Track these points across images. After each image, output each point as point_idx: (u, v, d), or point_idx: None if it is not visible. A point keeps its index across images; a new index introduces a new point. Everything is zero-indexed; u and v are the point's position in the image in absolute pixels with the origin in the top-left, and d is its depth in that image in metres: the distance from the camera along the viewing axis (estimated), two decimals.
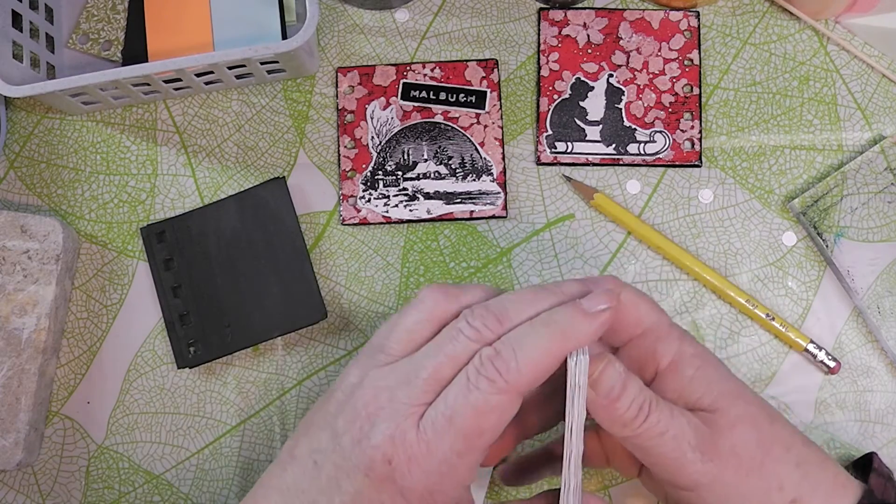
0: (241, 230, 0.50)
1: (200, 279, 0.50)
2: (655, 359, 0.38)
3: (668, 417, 0.35)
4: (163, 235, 0.50)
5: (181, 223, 0.50)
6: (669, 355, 0.37)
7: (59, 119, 0.53)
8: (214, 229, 0.50)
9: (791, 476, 0.36)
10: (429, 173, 0.51)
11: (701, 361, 0.38)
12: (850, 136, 0.52)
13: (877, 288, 0.49)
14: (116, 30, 0.53)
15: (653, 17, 0.53)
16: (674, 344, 0.38)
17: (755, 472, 0.36)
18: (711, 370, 0.38)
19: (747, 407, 0.37)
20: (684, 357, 0.37)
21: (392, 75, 0.52)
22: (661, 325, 0.38)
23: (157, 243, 0.50)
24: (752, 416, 0.37)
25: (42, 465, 0.50)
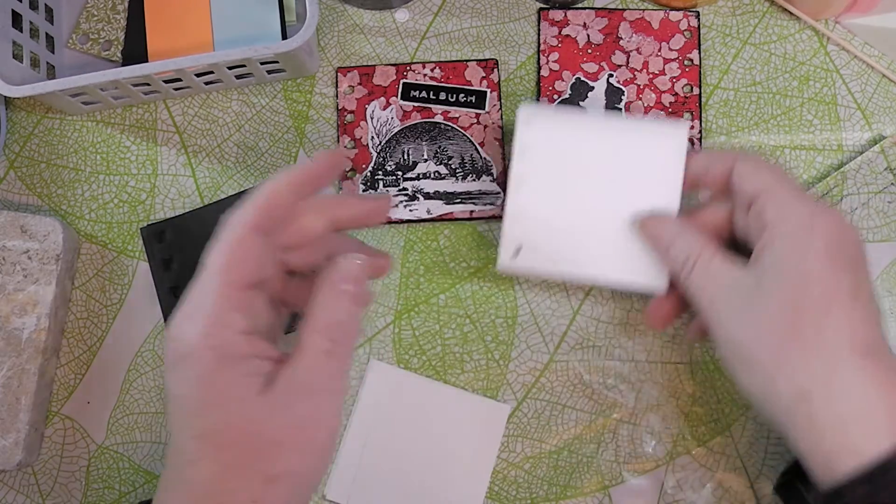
0: None
1: None
2: (763, 218, 0.39)
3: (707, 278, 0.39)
4: (162, 235, 0.50)
5: (181, 223, 0.50)
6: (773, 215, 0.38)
7: (59, 119, 0.53)
8: (214, 229, 0.50)
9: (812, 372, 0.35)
10: (429, 173, 0.51)
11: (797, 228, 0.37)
12: (850, 136, 0.52)
13: (877, 288, 0.49)
14: (116, 30, 0.53)
15: (653, 17, 0.53)
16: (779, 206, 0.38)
17: (773, 349, 0.36)
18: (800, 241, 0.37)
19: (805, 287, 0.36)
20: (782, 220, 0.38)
21: (392, 75, 0.52)
22: (779, 189, 0.39)
23: (157, 243, 0.50)
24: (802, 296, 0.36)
25: (42, 465, 0.50)
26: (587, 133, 0.45)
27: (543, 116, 0.45)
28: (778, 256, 0.37)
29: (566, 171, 0.45)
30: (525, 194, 0.45)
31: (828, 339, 0.35)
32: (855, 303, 0.36)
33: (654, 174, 0.44)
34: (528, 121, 0.45)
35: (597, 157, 0.45)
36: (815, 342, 0.35)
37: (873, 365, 0.35)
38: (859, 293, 0.36)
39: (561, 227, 0.45)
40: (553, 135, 0.45)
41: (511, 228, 0.45)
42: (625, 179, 0.44)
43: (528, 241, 0.45)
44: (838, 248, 0.37)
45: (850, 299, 0.36)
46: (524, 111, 0.45)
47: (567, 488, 0.49)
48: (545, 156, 0.45)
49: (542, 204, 0.45)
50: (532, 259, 0.45)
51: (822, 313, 0.35)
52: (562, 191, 0.45)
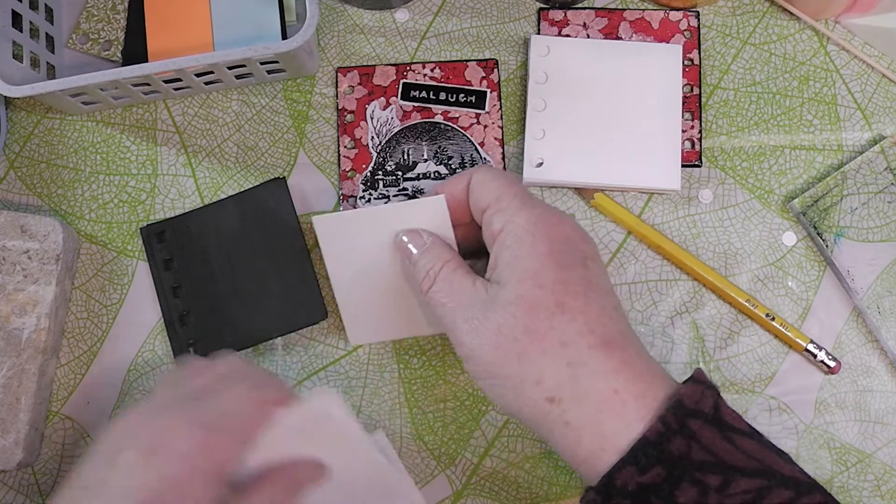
0: (241, 230, 0.50)
1: (200, 279, 0.49)
2: (492, 230, 0.39)
3: (447, 292, 0.38)
4: (162, 235, 0.50)
5: (181, 223, 0.50)
6: (499, 226, 0.38)
7: (59, 119, 0.53)
8: (214, 229, 0.50)
9: (555, 374, 0.35)
10: (429, 173, 0.51)
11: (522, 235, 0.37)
12: (850, 136, 0.52)
13: (877, 288, 0.49)
14: (116, 30, 0.53)
15: (653, 17, 0.53)
16: (505, 216, 0.38)
17: (514, 357, 0.35)
18: (525, 247, 0.37)
19: (534, 290, 0.35)
20: (507, 229, 0.38)
21: (392, 75, 0.52)
22: (503, 198, 0.38)
23: (157, 243, 0.50)
24: (533, 300, 0.35)
25: (42, 465, 0.50)
26: (594, 57, 0.50)
27: (560, 46, 0.51)
28: (507, 265, 0.37)
29: (578, 93, 0.50)
30: (543, 117, 0.50)
31: (565, 337, 0.35)
32: (588, 297, 0.36)
33: (655, 89, 0.50)
34: (543, 51, 0.51)
35: (604, 78, 0.50)
36: (553, 344, 0.35)
37: (615, 356, 0.35)
38: (592, 288, 0.36)
39: (577, 141, 0.50)
40: (564, 62, 0.51)
41: (532, 147, 0.50)
42: (631, 95, 0.50)
43: (549, 156, 0.50)
44: (564, 247, 0.37)
45: (582, 294, 0.36)
46: (535, 41, 0.52)
47: (567, 488, 0.49)
48: (558, 81, 0.50)
49: (559, 123, 0.50)
50: (552, 171, 0.50)
51: (556, 313, 0.35)
52: (575, 110, 0.50)
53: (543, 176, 0.50)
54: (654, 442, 0.33)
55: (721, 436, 0.34)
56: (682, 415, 0.34)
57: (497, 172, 0.40)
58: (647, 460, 0.33)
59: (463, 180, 0.41)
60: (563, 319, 0.35)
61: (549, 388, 0.35)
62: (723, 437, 0.34)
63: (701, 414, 0.34)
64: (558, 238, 0.37)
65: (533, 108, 0.51)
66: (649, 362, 0.36)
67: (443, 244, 0.41)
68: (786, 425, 0.49)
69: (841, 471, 0.49)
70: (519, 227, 0.37)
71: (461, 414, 0.49)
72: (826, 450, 0.49)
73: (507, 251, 0.37)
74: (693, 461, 0.33)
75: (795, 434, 0.49)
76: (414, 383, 0.50)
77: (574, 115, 0.50)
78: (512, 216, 0.38)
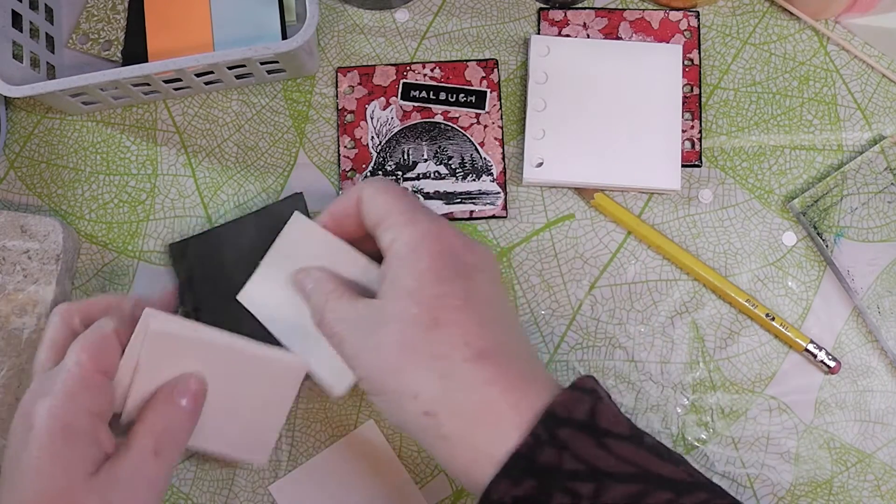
0: (260, 247, 0.45)
1: (221, 301, 0.46)
2: (382, 247, 0.39)
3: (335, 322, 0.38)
4: (185, 253, 0.49)
5: (203, 241, 0.49)
6: (387, 244, 0.38)
7: (59, 119, 0.53)
8: (234, 247, 0.49)
9: (430, 387, 0.35)
10: (429, 173, 0.51)
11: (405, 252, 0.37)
12: (850, 136, 0.52)
13: (877, 288, 0.49)
14: (116, 30, 0.53)
15: (653, 17, 0.53)
16: (391, 233, 0.38)
17: (392, 374, 0.36)
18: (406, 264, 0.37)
19: (411, 307, 0.36)
20: (393, 248, 0.38)
21: (392, 75, 0.52)
22: (391, 214, 0.38)
23: (181, 261, 0.48)
24: (409, 316, 0.36)
25: None
26: (594, 57, 0.51)
27: (560, 46, 0.51)
28: (390, 283, 0.37)
29: (578, 93, 0.50)
30: (543, 117, 0.50)
31: (440, 351, 0.35)
32: (466, 310, 0.36)
33: (655, 89, 0.50)
34: (543, 51, 0.51)
35: (605, 78, 0.50)
36: (428, 357, 0.35)
37: (490, 368, 0.35)
38: (473, 300, 0.36)
39: (577, 141, 0.50)
40: (564, 62, 0.51)
41: (532, 147, 0.50)
42: (631, 95, 0.50)
43: (549, 156, 0.50)
44: (446, 260, 0.37)
45: (460, 308, 0.36)
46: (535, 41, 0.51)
47: None
48: (558, 81, 0.50)
49: (559, 123, 0.50)
50: (551, 171, 0.50)
51: (431, 327, 0.35)
52: (575, 110, 0.50)
53: (543, 176, 0.50)
54: (525, 455, 0.33)
55: (595, 442, 0.34)
56: (553, 424, 0.34)
57: (385, 186, 0.40)
58: (520, 473, 0.33)
59: (353, 195, 0.41)
60: (438, 334, 0.35)
61: (424, 402, 0.35)
62: (597, 443, 0.34)
63: (573, 422, 0.34)
64: (440, 252, 0.37)
65: (533, 108, 0.51)
66: (531, 371, 0.36)
67: (328, 276, 0.41)
68: (786, 425, 0.49)
69: (841, 471, 0.49)
70: (403, 245, 0.37)
71: None
72: (826, 450, 0.49)
73: (391, 270, 0.37)
74: (564, 471, 0.33)
75: (795, 434, 0.49)
76: None
77: (574, 115, 0.50)
78: (398, 233, 0.38)
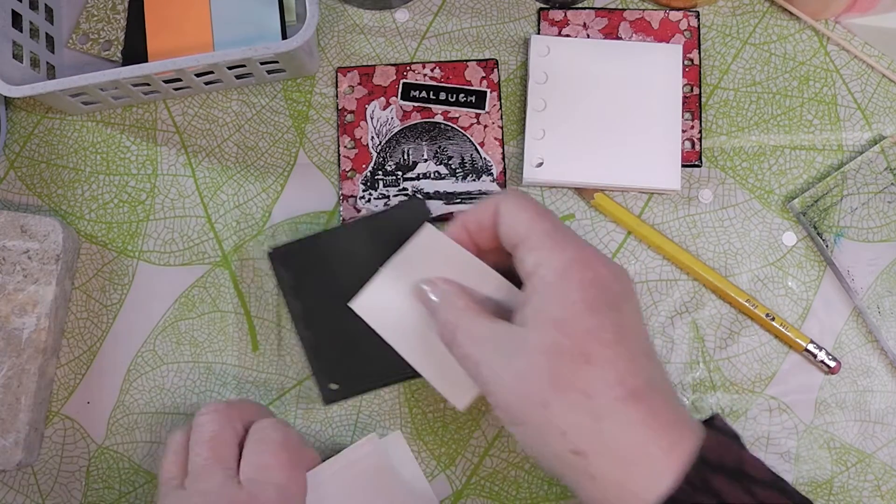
0: (375, 253, 0.44)
1: (333, 307, 0.45)
2: (524, 269, 0.37)
3: (469, 343, 0.37)
4: (290, 259, 0.47)
5: (309, 246, 0.47)
6: (531, 267, 0.37)
7: (59, 119, 0.53)
8: (346, 252, 0.47)
9: (580, 426, 0.33)
10: (429, 173, 0.51)
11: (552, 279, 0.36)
12: (850, 136, 0.52)
13: (877, 288, 0.49)
14: (116, 30, 0.53)
15: (653, 17, 0.53)
16: (536, 256, 0.37)
17: (538, 407, 0.34)
18: (554, 292, 0.35)
19: (561, 339, 0.34)
20: (539, 273, 0.36)
21: (392, 75, 0.52)
22: (532, 235, 0.37)
23: (284, 267, 0.47)
24: (559, 349, 0.34)
25: (42, 465, 0.50)
26: (594, 57, 0.51)
27: (560, 46, 0.51)
28: (536, 309, 0.35)
29: (578, 93, 0.50)
30: (543, 117, 0.50)
31: (591, 389, 0.33)
32: (618, 346, 0.34)
33: (655, 89, 0.50)
34: (543, 51, 0.51)
35: (605, 78, 0.50)
36: (578, 394, 0.33)
37: (642, 407, 0.33)
38: (624, 334, 0.35)
39: (577, 141, 0.50)
40: (564, 62, 0.51)
41: (532, 147, 0.50)
42: (631, 95, 0.50)
43: (549, 156, 0.50)
44: (597, 291, 0.35)
45: (612, 343, 0.34)
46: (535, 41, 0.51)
47: (567, 488, 0.49)
48: (558, 81, 0.50)
49: (559, 123, 0.50)
50: (551, 171, 0.50)
51: (582, 362, 0.34)
52: (575, 110, 0.50)
53: (543, 176, 0.50)
54: (680, 501, 0.32)
55: (743, 489, 0.33)
56: (705, 470, 0.33)
57: (525, 202, 0.38)
58: None
59: (489, 208, 0.39)
60: (590, 370, 0.34)
61: (573, 440, 0.34)
62: (745, 490, 0.33)
63: (724, 469, 0.33)
64: (590, 281, 0.35)
65: (533, 108, 0.51)
66: (677, 410, 0.35)
67: (459, 291, 0.39)
68: (786, 425, 0.49)
69: (841, 471, 0.49)
70: (549, 271, 0.36)
71: (461, 414, 0.49)
72: (826, 450, 0.49)
73: (536, 295, 0.36)
74: None
75: (795, 434, 0.49)
76: (413, 383, 0.50)
77: (574, 115, 0.50)
78: (543, 258, 0.36)
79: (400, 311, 0.41)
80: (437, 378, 0.41)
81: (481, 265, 0.40)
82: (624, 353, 0.34)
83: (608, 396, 0.33)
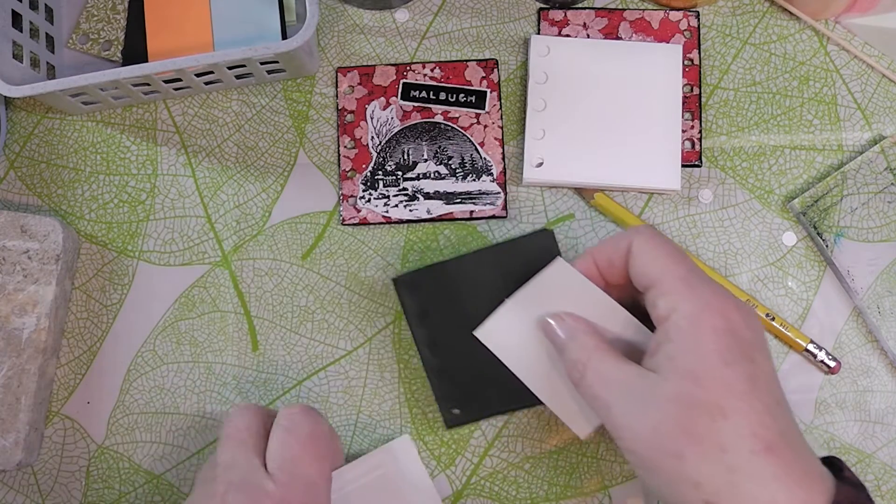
0: (502, 283, 0.45)
1: (457, 335, 0.46)
2: (656, 313, 0.37)
3: (600, 384, 0.37)
4: (417, 286, 0.47)
5: (436, 273, 0.47)
6: (664, 312, 0.37)
7: (59, 119, 0.53)
8: (472, 281, 0.47)
9: (714, 479, 0.33)
10: (429, 173, 0.51)
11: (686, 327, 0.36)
12: (850, 136, 0.52)
13: (877, 288, 0.49)
14: (116, 30, 0.53)
15: (653, 17, 0.53)
16: (669, 301, 0.37)
17: (672, 458, 0.34)
18: (688, 341, 0.35)
19: (695, 391, 0.34)
20: (672, 318, 0.36)
21: (392, 75, 0.52)
22: (666, 279, 0.37)
23: (410, 294, 0.47)
24: (693, 400, 0.34)
25: (42, 465, 0.50)
26: (594, 57, 0.51)
27: (560, 46, 0.51)
28: (669, 356, 0.36)
29: (578, 93, 0.50)
30: (543, 117, 0.50)
31: (725, 442, 0.34)
32: (752, 397, 0.34)
33: (655, 89, 0.50)
34: (543, 51, 0.51)
35: (605, 78, 0.50)
36: (713, 447, 0.34)
37: (775, 460, 0.33)
38: (757, 384, 0.35)
39: (577, 141, 0.50)
40: (564, 62, 0.51)
41: (532, 147, 0.50)
42: (631, 95, 0.50)
43: (548, 156, 0.50)
44: (730, 340, 0.35)
45: (746, 394, 0.34)
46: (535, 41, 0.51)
47: (567, 488, 0.49)
48: (558, 81, 0.50)
49: (559, 123, 0.50)
50: (551, 171, 0.50)
51: (717, 415, 0.34)
52: (575, 110, 0.50)
53: (543, 176, 0.50)
54: None
55: None
56: None
57: (658, 241, 0.38)
58: None
59: (622, 245, 0.39)
60: (724, 423, 0.34)
61: (707, 492, 0.34)
62: None
63: None
64: (723, 330, 0.35)
65: (533, 108, 0.51)
66: (808, 461, 0.35)
67: (588, 329, 0.40)
68: None
69: None
70: (683, 318, 0.36)
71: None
72: (826, 450, 0.49)
73: (669, 343, 0.36)
74: None
75: None
76: (414, 383, 0.50)
77: (574, 115, 0.50)
78: (676, 303, 0.36)
79: (524, 340, 0.43)
80: (559, 407, 0.42)
81: (611, 302, 0.41)
82: (757, 405, 0.34)
83: (743, 449, 0.33)
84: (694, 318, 0.36)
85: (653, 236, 0.39)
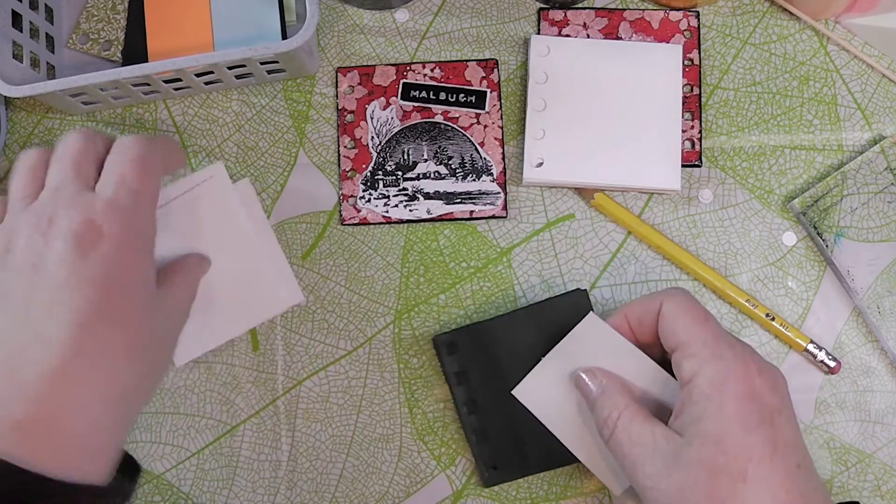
0: (538, 343, 0.46)
1: (496, 394, 0.46)
2: (681, 375, 0.39)
3: (628, 444, 0.39)
4: (454, 346, 0.47)
5: (474, 334, 0.47)
6: (687, 375, 0.38)
7: (59, 119, 0.53)
8: (509, 341, 0.47)
9: None
10: (429, 173, 0.51)
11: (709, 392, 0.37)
12: (850, 136, 0.52)
13: (877, 288, 0.49)
14: (116, 30, 0.53)
15: (653, 17, 0.53)
16: (693, 365, 0.38)
17: None
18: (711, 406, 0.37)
19: (718, 456, 0.36)
20: (695, 382, 0.38)
21: (392, 75, 0.52)
22: (692, 343, 0.39)
23: (448, 355, 0.47)
24: (716, 466, 0.36)
25: None
26: (594, 57, 0.51)
27: (560, 46, 0.51)
28: (693, 419, 0.37)
29: (578, 93, 0.50)
30: (543, 117, 0.50)
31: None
32: (773, 462, 0.36)
33: (655, 89, 0.50)
34: (543, 51, 0.51)
35: (605, 78, 0.50)
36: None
37: None
38: (778, 449, 0.36)
39: (577, 141, 0.50)
40: (564, 62, 0.51)
41: (532, 147, 0.50)
42: (631, 95, 0.50)
43: (548, 156, 0.50)
44: (752, 406, 0.36)
45: (766, 459, 0.35)
46: (535, 41, 0.51)
47: (567, 488, 0.49)
48: (558, 81, 0.50)
49: (559, 123, 0.50)
50: (551, 171, 0.50)
51: (738, 479, 0.35)
52: (575, 110, 0.50)
53: (543, 176, 0.50)
54: None
55: None
56: None
57: (689, 305, 0.40)
58: None
59: (653, 306, 0.41)
60: (746, 488, 0.35)
61: None
62: None
63: None
64: (745, 396, 0.37)
65: (533, 108, 0.51)
66: None
67: (619, 387, 0.41)
68: None
69: (841, 471, 0.49)
70: (706, 383, 0.37)
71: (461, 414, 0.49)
72: (826, 450, 0.49)
73: (693, 406, 0.37)
74: None
75: None
76: (414, 383, 0.50)
77: (574, 115, 0.50)
78: (700, 367, 0.38)
79: (560, 397, 0.44)
80: (594, 464, 0.43)
81: (642, 356, 0.42)
82: (779, 468, 0.35)
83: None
84: (716, 383, 0.37)
85: (683, 299, 0.41)
